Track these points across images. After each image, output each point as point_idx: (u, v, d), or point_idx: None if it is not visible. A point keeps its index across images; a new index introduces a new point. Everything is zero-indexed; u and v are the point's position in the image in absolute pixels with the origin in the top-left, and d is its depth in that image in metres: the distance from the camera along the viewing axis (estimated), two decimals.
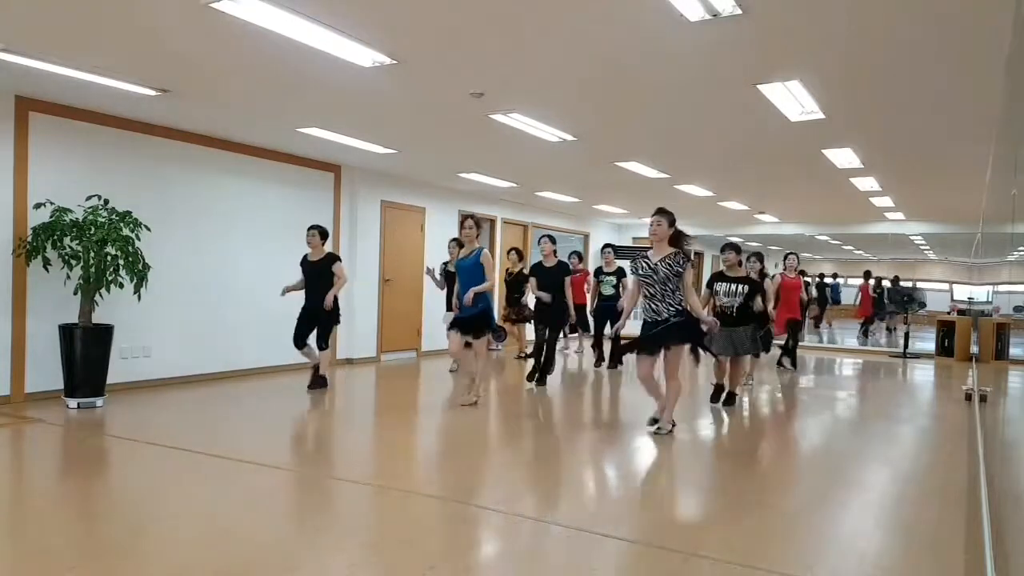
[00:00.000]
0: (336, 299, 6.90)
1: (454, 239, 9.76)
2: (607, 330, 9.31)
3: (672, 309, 5.29)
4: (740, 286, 6.73)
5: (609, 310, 9.23)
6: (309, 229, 7.02)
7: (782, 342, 10.04)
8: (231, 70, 5.13)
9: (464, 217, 6.51)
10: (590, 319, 9.78)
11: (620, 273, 9.47)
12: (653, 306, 5.34)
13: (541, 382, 7.77)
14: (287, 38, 4.29)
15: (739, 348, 6.77)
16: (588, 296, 9.89)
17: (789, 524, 3.75)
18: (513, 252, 9.45)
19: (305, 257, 7.01)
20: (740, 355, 6.86)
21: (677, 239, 5.41)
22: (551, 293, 7.73)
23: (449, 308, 7.70)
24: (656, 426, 5.53)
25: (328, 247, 9.10)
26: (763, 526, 3.70)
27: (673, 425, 5.56)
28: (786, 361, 10.06)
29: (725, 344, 6.66)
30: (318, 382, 7.06)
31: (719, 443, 5.70)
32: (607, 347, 8.81)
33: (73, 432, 5.26)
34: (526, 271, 8.58)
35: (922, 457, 5.54)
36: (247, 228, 7.95)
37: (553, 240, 7.96)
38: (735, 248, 6.86)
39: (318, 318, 6.91)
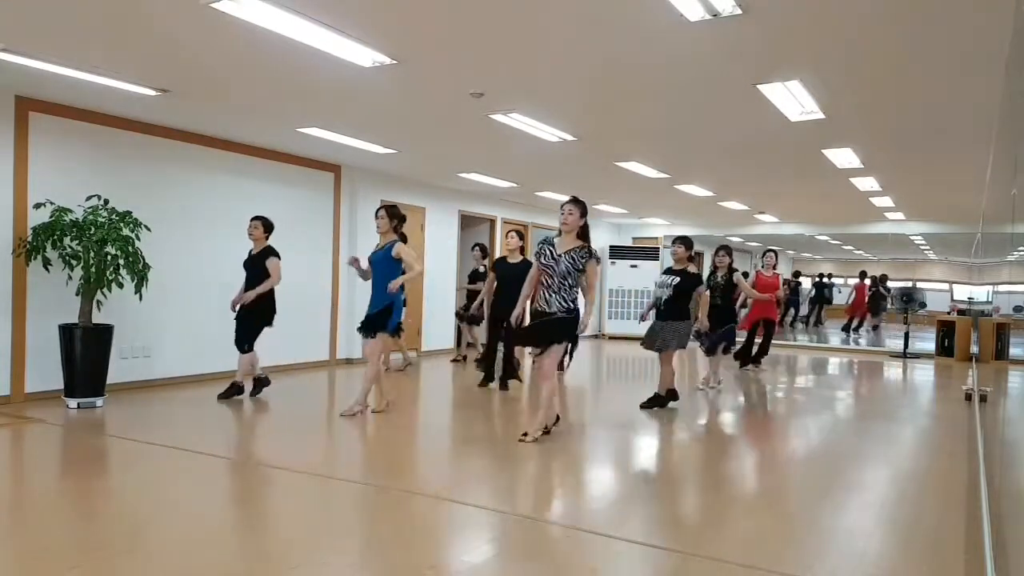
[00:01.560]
0: (269, 298, 6.43)
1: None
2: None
3: (563, 305, 5.05)
4: (672, 277, 6.58)
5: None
6: (252, 220, 6.58)
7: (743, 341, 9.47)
8: (231, 70, 5.13)
9: (379, 208, 6.14)
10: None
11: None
12: (546, 296, 5.08)
13: (503, 387, 7.45)
14: (287, 38, 4.29)
15: (660, 344, 6.52)
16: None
17: (789, 524, 3.76)
18: (477, 248, 9.53)
19: (249, 252, 6.61)
20: (662, 351, 6.57)
21: (585, 232, 5.17)
22: (514, 291, 7.34)
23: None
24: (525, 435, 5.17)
25: (327, 246, 9.08)
26: (763, 526, 3.70)
27: (546, 431, 5.24)
28: (751, 365, 9.59)
29: (650, 338, 6.56)
30: (231, 391, 6.52)
31: (719, 443, 5.70)
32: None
33: (73, 432, 5.26)
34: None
35: (922, 457, 5.54)
36: (246, 228, 7.94)
37: (521, 235, 7.61)
38: (684, 241, 6.69)
39: (242, 316, 6.47)
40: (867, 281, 17.67)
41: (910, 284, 17.40)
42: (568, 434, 5.51)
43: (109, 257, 5.92)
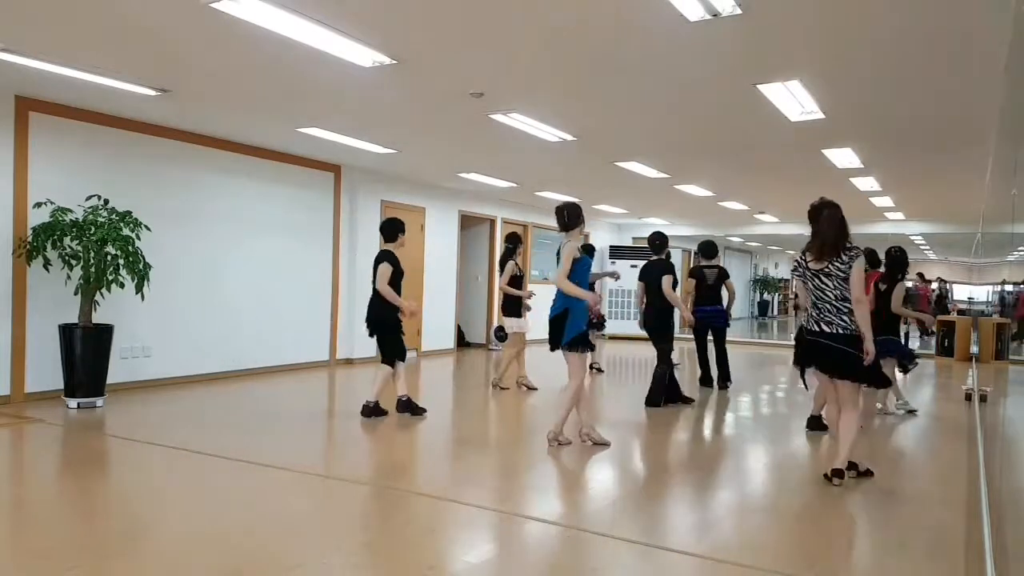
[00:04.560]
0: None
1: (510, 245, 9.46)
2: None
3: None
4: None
5: None
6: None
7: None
8: (231, 70, 5.13)
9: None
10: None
11: None
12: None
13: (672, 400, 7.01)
14: (287, 38, 4.29)
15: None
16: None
17: (789, 524, 3.75)
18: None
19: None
20: None
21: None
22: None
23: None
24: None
25: (327, 246, 9.09)
26: (763, 526, 3.70)
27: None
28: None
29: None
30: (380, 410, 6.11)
31: (718, 443, 5.69)
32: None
33: (73, 432, 5.26)
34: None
35: (922, 457, 5.54)
36: (247, 228, 7.95)
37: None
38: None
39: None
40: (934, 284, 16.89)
41: (910, 284, 17.37)
42: (570, 435, 5.51)
43: (109, 257, 5.92)
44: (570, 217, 5.10)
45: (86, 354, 5.91)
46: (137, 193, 6.73)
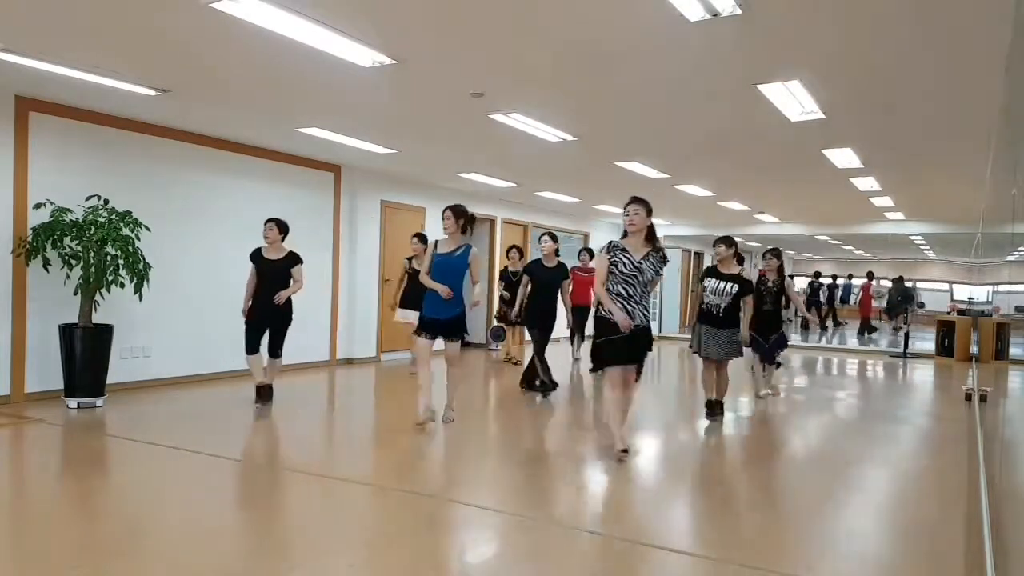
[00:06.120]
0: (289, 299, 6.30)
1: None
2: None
3: (646, 316, 4.77)
4: (730, 285, 6.10)
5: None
6: (267, 222, 6.36)
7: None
8: (231, 70, 5.13)
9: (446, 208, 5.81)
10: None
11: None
12: (628, 307, 4.67)
13: (532, 388, 7.22)
14: (287, 38, 4.29)
15: (725, 352, 6.16)
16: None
17: (789, 524, 3.76)
18: (514, 250, 9.38)
19: (259, 252, 6.35)
20: (724, 359, 6.23)
21: (653, 233, 4.81)
22: (548, 295, 7.18)
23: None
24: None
25: (327, 246, 9.06)
26: (763, 526, 3.70)
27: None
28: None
29: (712, 345, 6.12)
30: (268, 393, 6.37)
31: (718, 443, 5.69)
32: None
33: (73, 432, 5.26)
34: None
35: (922, 457, 5.54)
36: (247, 228, 7.92)
37: (555, 238, 7.36)
38: (726, 241, 6.25)
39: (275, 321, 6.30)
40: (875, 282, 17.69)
41: (910, 284, 17.43)
42: (571, 435, 5.52)
43: (109, 257, 5.92)
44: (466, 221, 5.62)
45: (86, 354, 5.91)
46: (137, 193, 6.73)
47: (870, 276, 18.01)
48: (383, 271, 9.81)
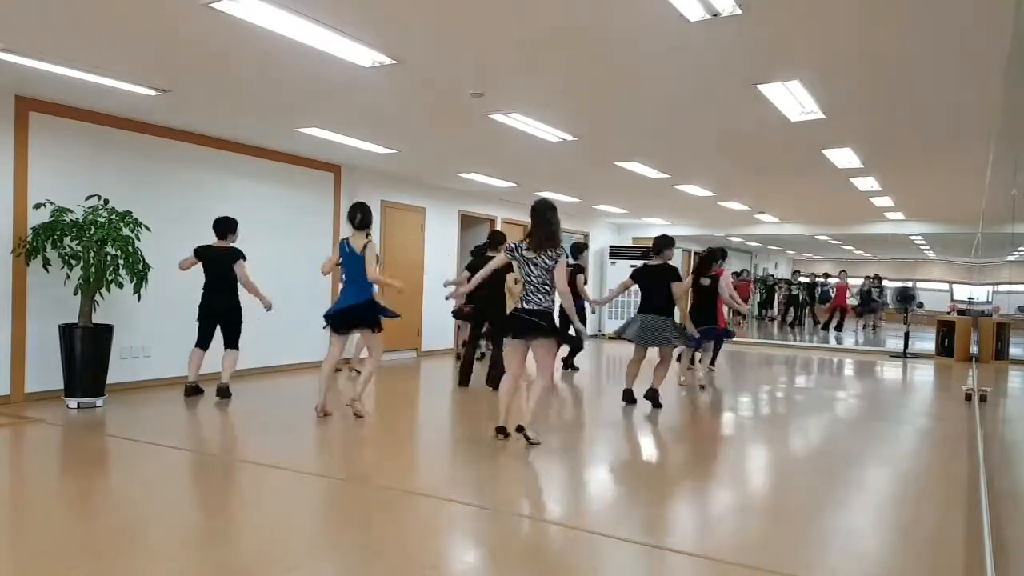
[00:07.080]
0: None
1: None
2: None
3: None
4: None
5: None
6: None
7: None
8: (231, 70, 5.13)
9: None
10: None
11: None
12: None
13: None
14: (287, 38, 4.29)
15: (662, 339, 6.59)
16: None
17: (789, 524, 3.75)
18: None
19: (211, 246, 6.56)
20: (664, 346, 6.68)
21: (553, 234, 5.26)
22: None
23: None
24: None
25: (327, 246, 9.04)
26: (763, 526, 3.70)
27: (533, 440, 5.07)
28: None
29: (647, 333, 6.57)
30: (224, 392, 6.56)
31: (718, 443, 5.70)
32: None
33: (73, 432, 5.26)
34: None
35: (922, 457, 5.54)
36: (247, 228, 7.91)
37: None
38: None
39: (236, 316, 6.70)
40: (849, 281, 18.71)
41: (910, 284, 17.44)
42: (569, 433, 5.52)
43: (109, 257, 5.92)
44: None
45: (86, 354, 5.91)
46: (137, 193, 6.73)
47: (843, 275, 19.02)
48: (383, 271, 9.78)
